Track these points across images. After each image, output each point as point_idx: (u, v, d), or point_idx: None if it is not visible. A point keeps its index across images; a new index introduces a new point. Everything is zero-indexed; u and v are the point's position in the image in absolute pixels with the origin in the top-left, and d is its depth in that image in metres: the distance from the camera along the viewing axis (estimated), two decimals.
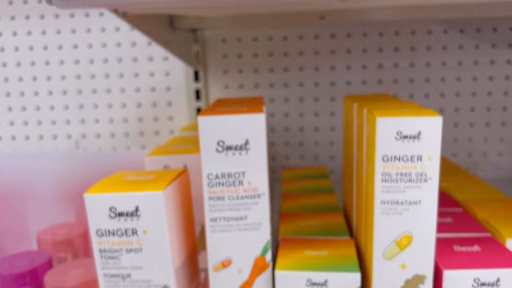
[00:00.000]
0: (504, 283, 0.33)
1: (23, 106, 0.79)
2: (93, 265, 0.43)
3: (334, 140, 0.77)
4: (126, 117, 0.79)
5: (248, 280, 0.36)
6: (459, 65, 0.73)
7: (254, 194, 0.34)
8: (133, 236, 0.34)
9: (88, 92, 0.78)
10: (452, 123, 0.75)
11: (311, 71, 0.75)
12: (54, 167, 0.62)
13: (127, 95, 0.78)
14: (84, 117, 0.79)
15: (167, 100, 0.79)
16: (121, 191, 0.34)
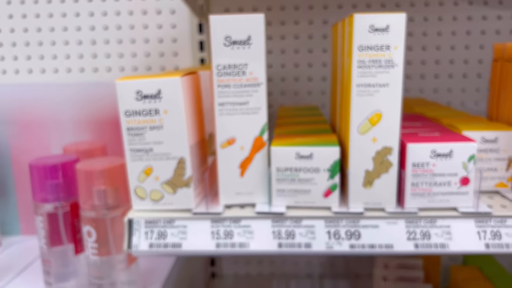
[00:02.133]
0: (456, 154, 0.41)
1: (52, 41, 0.86)
2: (116, 159, 0.51)
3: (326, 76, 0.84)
4: (136, 66, 0.86)
5: (249, 156, 0.44)
6: None
7: (255, 83, 0.42)
8: (155, 115, 0.42)
9: (101, 43, 0.86)
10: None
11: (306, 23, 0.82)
12: (73, 96, 0.70)
13: (137, 46, 0.86)
14: (97, 66, 0.86)
15: (173, 51, 0.86)
16: (146, 78, 0.42)
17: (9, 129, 0.71)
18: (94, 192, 0.49)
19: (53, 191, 0.51)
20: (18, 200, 0.73)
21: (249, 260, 0.95)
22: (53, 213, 0.51)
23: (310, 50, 0.83)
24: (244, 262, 0.95)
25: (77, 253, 0.53)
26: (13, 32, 0.86)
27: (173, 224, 0.43)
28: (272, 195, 0.44)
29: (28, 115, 0.71)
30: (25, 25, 0.86)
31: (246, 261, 0.95)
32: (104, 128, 0.70)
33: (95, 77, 0.87)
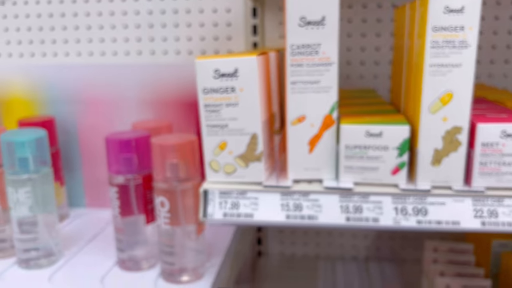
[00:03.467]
0: None
1: (112, 25, 0.90)
2: (187, 136, 0.54)
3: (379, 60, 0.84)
4: (191, 50, 0.89)
5: (318, 133, 0.45)
6: None
7: (327, 63, 0.44)
8: (231, 93, 0.44)
9: (158, 26, 0.89)
10: None
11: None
12: (137, 77, 0.73)
13: (192, 30, 0.88)
14: (155, 49, 0.90)
15: (227, 34, 0.88)
16: (224, 57, 0.44)
17: (76, 107, 0.75)
18: (167, 165, 0.52)
19: (126, 164, 0.55)
20: (84, 175, 0.77)
21: (294, 241, 0.98)
22: (126, 184, 0.55)
23: (363, 34, 0.84)
24: (290, 243, 0.98)
25: (148, 222, 0.57)
26: (76, 16, 0.91)
27: (245, 195, 0.46)
28: (340, 172, 0.45)
29: (95, 94, 0.75)
30: (88, 10, 0.90)
31: (292, 242, 0.98)
32: (166, 107, 0.73)
33: (152, 59, 0.90)
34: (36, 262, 0.58)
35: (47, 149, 0.58)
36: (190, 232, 0.53)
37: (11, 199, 0.56)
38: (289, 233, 0.97)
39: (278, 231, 0.97)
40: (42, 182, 0.57)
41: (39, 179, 0.57)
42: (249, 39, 0.87)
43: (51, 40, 0.91)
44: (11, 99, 0.77)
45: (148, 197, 0.56)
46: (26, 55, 0.92)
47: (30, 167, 0.56)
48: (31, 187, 0.56)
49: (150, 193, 0.56)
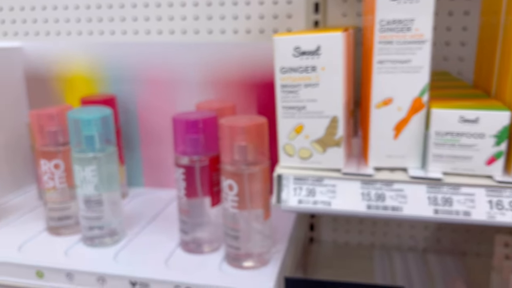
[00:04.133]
0: None
1: (170, 2, 0.88)
2: (256, 118, 0.51)
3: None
4: (250, 29, 0.86)
5: (405, 118, 0.42)
6: None
7: (420, 40, 0.40)
8: (312, 72, 0.41)
9: (217, 4, 0.86)
10: None
11: None
12: (198, 56, 0.71)
13: (251, 8, 0.85)
14: (212, 28, 0.88)
15: (287, 13, 0.85)
16: (305, 34, 0.41)
17: (136, 86, 0.75)
18: (235, 148, 0.50)
19: (194, 144, 0.53)
20: (142, 154, 0.77)
21: (348, 229, 0.95)
22: (192, 166, 0.53)
23: (450, 12, 0.77)
24: (344, 231, 0.95)
25: (214, 205, 0.55)
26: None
27: (322, 182, 0.43)
28: (428, 160, 0.42)
29: (156, 73, 0.73)
30: None
31: (346, 230, 0.95)
32: (227, 88, 0.71)
33: (209, 38, 0.88)
34: (101, 240, 0.58)
35: (113, 127, 0.57)
36: (257, 216, 0.51)
37: (78, 177, 0.56)
38: (343, 220, 0.94)
39: (332, 218, 0.94)
40: (107, 161, 0.56)
41: (104, 158, 0.56)
42: (310, 17, 0.83)
43: (109, 18, 0.90)
44: (73, 77, 0.77)
45: (214, 179, 0.55)
46: (84, 33, 0.92)
47: (96, 145, 0.55)
48: (97, 165, 0.56)
49: (216, 175, 0.55)
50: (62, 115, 0.59)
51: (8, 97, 0.75)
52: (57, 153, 0.59)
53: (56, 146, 0.59)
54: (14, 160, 0.77)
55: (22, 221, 0.67)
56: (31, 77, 0.79)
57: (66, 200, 0.61)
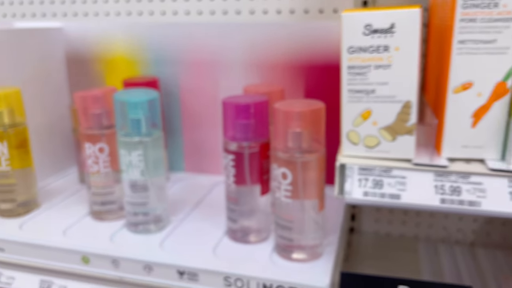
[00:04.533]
0: None
1: None
2: (313, 103, 0.48)
3: None
4: (293, 9, 0.82)
5: (486, 104, 0.38)
6: None
7: (508, 17, 0.36)
8: (384, 52, 0.38)
9: None
10: None
11: None
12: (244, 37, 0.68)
13: None
14: (254, 7, 0.84)
15: None
16: (377, 10, 0.37)
17: (179, 69, 0.72)
18: (290, 134, 0.47)
19: (245, 130, 0.51)
20: (184, 138, 0.75)
21: (391, 220, 0.91)
22: (242, 152, 0.51)
23: None
24: (386, 221, 0.91)
25: (263, 193, 0.53)
26: None
27: (390, 173, 0.40)
28: (509, 151, 0.38)
29: (199, 55, 0.71)
30: None
31: (389, 220, 0.91)
32: (273, 71, 0.68)
33: (251, 19, 0.85)
34: (145, 226, 0.56)
35: (159, 111, 0.55)
36: (312, 207, 0.48)
37: (123, 161, 0.54)
38: (386, 211, 0.90)
39: (375, 209, 0.90)
40: (154, 146, 0.54)
41: (151, 142, 0.54)
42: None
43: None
44: (114, 58, 0.75)
45: (264, 167, 0.52)
46: (123, 13, 0.90)
47: (142, 129, 0.53)
48: (144, 150, 0.54)
49: (267, 162, 0.52)
50: (107, 97, 0.58)
51: (49, 79, 0.74)
52: (101, 136, 0.58)
53: (101, 129, 0.58)
54: (55, 143, 0.76)
55: (65, 205, 0.66)
56: (71, 58, 0.78)
57: (110, 184, 0.59)
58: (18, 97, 0.60)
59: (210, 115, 0.73)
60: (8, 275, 0.57)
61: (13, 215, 0.62)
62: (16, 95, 0.60)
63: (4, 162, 0.59)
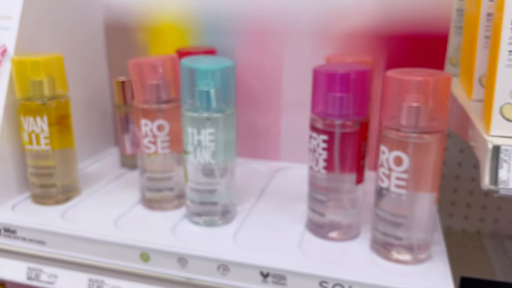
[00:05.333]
0: None
1: None
2: (434, 72, 0.39)
3: None
4: None
5: None
6: None
7: None
8: None
9: None
10: None
11: None
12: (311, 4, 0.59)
13: None
14: None
15: None
16: None
17: (235, 39, 0.63)
18: (404, 109, 0.38)
19: (341, 105, 0.42)
20: (238, 120, 0.66)
21: (453, 213, 0.83)
22: (335, 132, 0.42)
23: None
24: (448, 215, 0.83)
25: (359, 182, 0.44)
26: None
27: None
28: None
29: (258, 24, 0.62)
30: None
31: (450, 214, 0.83)
32: (347, 41, 0.59)
33: None
34: (211, 218, 0.48)
35: (234, 83, 0.46)
36: (428, 201, 0.40)
37: (190, 141, 0.46)
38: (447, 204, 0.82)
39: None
40: (226, 123, 0.46)
41: (223, 119, 0.45)
42: None
43: None
44: (159, 26, 0.66)
45: (362, 151, 0.43)
46: None
47: (215, 103, 0.45)
48: (216, 128, 0.45)
49: (365, 145, 0.44)
50: (168, 65, 0.49)
51: (85, 49, 0.65)
52: (159, 112, 0.49)
53: (159, 103, 0.49)
54: (91, 121, 0.68)
55: (108, 191, 0.58)
56: (110, 26, 0.69)
57: (170, 168, 0.51)
58: (60, 65, 0.52)
59: (270, 93, 0.64)
60: (50, 273, 0.49)
61: (52, 202, 0.53)
62: (58, 62, 0.52)
63: (43, 141, 0.51)
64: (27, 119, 0.50)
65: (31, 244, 0.49)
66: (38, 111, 0.50)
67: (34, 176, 0.52)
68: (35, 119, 0.50)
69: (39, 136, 0.51)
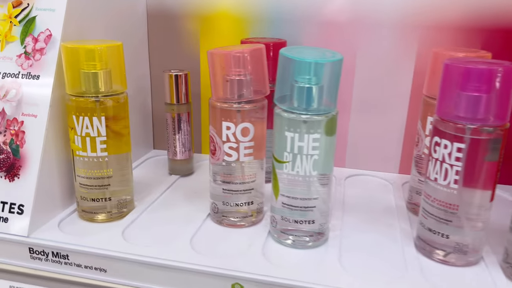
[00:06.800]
0: None
1: None
2: None
3: None
4: None
5: None
6: None
7: None
8: None
9: None
10: None
11: None
12: None
13: None
14: None
15: None
16: None
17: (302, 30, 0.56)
18: None
19: (486, 107, 0.35)
20: None
21: None
22: (478, 139, 0.35)
23: None
24: None
25: (492, 199, 0.37)
26: None
27: None
28: None
29: (335, 13, 0.55)
30: None
31: None
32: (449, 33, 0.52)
33: None
34: (303, 239, 0.41)
35: (339, 80, 0.39)
36: None
37: (286, 148, 0.38)
38: None
39: None
40: (331, 128, 0.38)
41: (329, 123, 0.38)
42: None
43: None
44: (212, 15, 0.58)
45: (501, 161, 0.37)
46: None
47: (317, 104, 0.37)
48: (321, 133, 0.38)
49: (503, 155, 0.37)
50: (257, 57, 0.41)
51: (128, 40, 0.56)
52: (245, 112, 0.41)
53: (245, 102, 0.41)
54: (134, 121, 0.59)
55: (165, 202, 0.50)
56: (154, 14, 0.60)
57: (251, 179, 0.43)
58: (119, 55, 0.43)
59: (341, 93, 0.57)
60: None
61: (105, 219, 0.45)
62: (118, 51, 0.43)
63: (100, 146, 0.42)
64: (80, 119, 0.42)
65: (88, 272, 0.40)
66: (94, 110, 0.41)
67: (85, 188, 0.44)
68: (91, 120, 0.41)
69: (94, 140, 0.42)
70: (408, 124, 0.56)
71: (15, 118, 0.43)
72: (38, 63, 0.43)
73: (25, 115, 0.43)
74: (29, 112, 0.43)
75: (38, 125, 0.42)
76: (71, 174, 0.46)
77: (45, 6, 0.44)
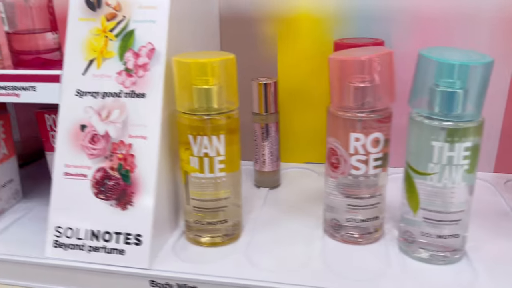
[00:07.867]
0: None
1: None
2: None
3: None
4: None
5: None
6: None
7: None
8: None
9: None
10: None
11: None
12: None
13: None
14: None
15: None
16: None
17: (389, 28, 0.53)
18: None
19: None
20: None
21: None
22: None
23: None
24: None
25: None
26: None
27: None
28: None
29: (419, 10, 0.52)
30: None
31: None
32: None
33: None
34: (443, 254, 0.38)
35: (488, 84, 0.36)
36: None
37: (433, 158, 0.35)
38: None
39: None
40: (477, 135, 0.36)
41: (476, 129, 0.35)
42: None
43: None
44: (292, 17, 0.55)
45: None
46: None
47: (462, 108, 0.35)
48: (472, 142, 0.35)
49: None
50: (386, 63, 0.38)
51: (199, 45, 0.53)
52: (377, 122, 0.38)
53: (374, 111, 0.39)
54: None
55: (268, 218, 0.47)
56: (227, 17, 0.57)
57: (376, 192, 0.40)
58: (232, 68, 0.40)
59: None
60: None
61: (218, 242, 0.42)
62: (231, 65, 0.40)
63: (218, 166, 0.39)
64: (198, 139, 0.38)
65: None
66: (213, 128, 0.38)
67: (200, 211, 0.41)
68: (210, 139, 0.38)
69: (213, 161, 0.39)
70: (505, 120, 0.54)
71: (121, 141, 0.40)
72: (142, 80, 0.40)
73: (133, 137, 0.40)
74: (138, 134, 0.39)
75: (149, 147, 0.39)
76: (178, 196, 0.43)
77: (143, 18, 0.41)
